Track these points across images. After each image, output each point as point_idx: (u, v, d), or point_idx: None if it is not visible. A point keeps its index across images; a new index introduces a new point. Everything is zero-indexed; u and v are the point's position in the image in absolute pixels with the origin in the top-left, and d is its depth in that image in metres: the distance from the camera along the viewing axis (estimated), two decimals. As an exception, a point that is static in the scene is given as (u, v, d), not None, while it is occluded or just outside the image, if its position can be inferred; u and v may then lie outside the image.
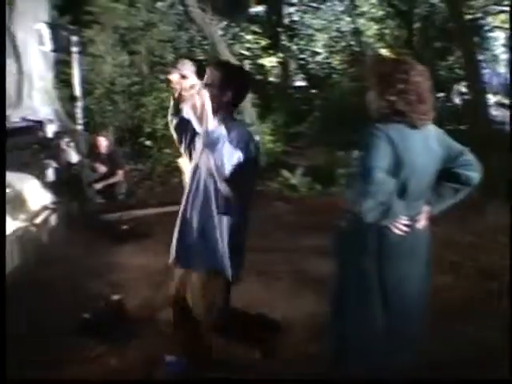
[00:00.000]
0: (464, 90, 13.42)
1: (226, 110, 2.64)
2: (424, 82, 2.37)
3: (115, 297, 3.80)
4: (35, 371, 3.06)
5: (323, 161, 8.64)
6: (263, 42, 15.43)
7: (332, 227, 2.58)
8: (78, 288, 4.17)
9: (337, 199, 6.74)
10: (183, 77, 4.73)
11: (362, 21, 16.90)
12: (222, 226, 2.60)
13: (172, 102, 2.87)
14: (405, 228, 2.34)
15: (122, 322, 3.66)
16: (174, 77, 4.77)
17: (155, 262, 4.80)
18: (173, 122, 2.83)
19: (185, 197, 2.72)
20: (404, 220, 2.33)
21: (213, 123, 2.38)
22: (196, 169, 2.67)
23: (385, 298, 2.41)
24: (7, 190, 4.36)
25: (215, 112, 2.53)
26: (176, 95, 2.76)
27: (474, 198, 6.28)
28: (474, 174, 2.46)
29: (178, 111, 2.79)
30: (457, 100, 14.59)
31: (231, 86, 2.63)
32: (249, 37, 15.89)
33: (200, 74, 2.77)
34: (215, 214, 2.59)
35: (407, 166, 2.29)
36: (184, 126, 2.73)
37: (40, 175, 6.59)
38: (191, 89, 5.10)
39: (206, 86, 2.59)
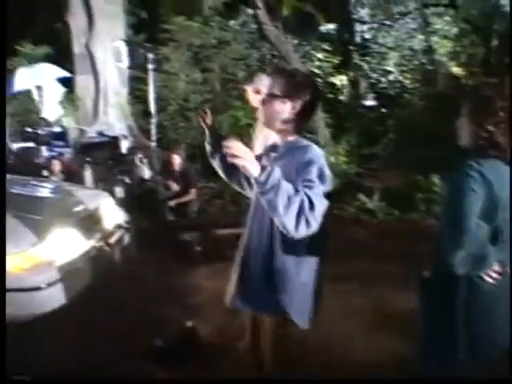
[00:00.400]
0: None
1: (292, 126, 2.26)
2: None
3: (188, 323, 3.63)
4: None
5: (399, 184, 8.26)
6: (334, 61, 15.26)
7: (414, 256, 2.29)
8: (149, 311, 4.03)
9: (416, 225, 6.47)
10: (257, 92, 4.63)
11: (435, 38, 16.38)
12: (289, 266, 2.25)
13: (207, 132, 2.61)
14: (498, 276, 2.05)
15: (194, 350, 3.48)
16: (249, 90, 4.69)
17: (228, 286, 4.65)
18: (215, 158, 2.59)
19: (246, 234, 2.39)
20: (497, 268, 2.04)
21: (257, 170, 1.92)
22: (258, 204, 2.26)
23: (472, 344, 2.14)
24: (82, 207, 4.32)
25: (279, 129, 2.27)
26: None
27: None
28: None
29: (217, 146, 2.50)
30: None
31: (299, 95, 2.23)
32: (319, 55, 15.75)
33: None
34: (281, 254, 2.23)
35: (502, 208, 2.02)
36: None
37: (113, 191, 6.64)
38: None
39: (269, 97, 2.25)
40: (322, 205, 2.02)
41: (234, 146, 1.91)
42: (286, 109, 2.22)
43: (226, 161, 2.06)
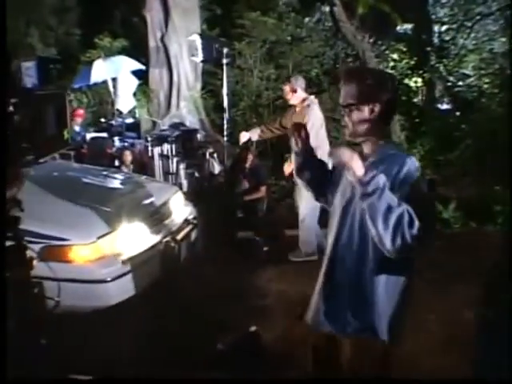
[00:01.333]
0: None
1: (374, 130, 2.09)
2: None
3: (252, 328, 3.50)
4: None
5: (476, 194, 7.82)
6: (410, 62, 14.81)
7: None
8: (213, 311, 3.93)
9: (493, 239, 6.07)
10: (294, 91, 4.85)
11: (517, 41, 15.56)
12: (380, 282, 2.04)
13: (298, 147, 2.40)
14: None
15: (257, 357, 3.34)
16: (286, 88, 4.91)
17: (295, 289, 4.49)
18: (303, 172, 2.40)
19: (331, 243, 2.19)
20: None
21: (363, 169, 1.87)
22: (347, 210, 2.11)
23: None
24: (151, 199, 4.28)
25: (364, 136, 2.10)
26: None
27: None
28: None
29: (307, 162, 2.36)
30: None
31: (378, 97, 2.05)
32: (395, 55, 15.34)
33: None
34: (372, 268, 2.04)
35: None
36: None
37: (183, 184, 6.62)
38: (302, 102, 5.02)
39: (347, 107, 2.08)
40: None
41: (343, 151, 1.91)
42: (365, 115, 2.05)
43: (315, 178, 2.21)
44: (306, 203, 5.29)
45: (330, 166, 2.38)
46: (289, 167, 5.23)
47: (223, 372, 3.19)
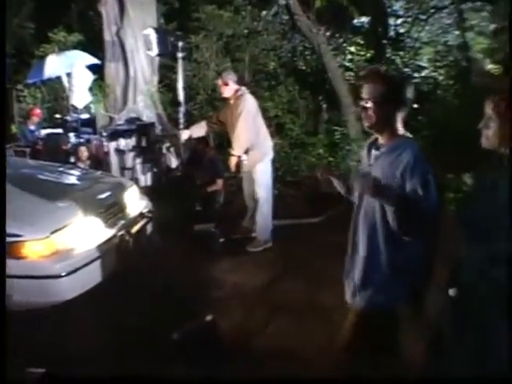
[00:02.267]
0: None
1: (393, 125, 2.39)
2: None
3: (208, 317, 3.54)
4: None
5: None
6: (367, 54, 15.03)
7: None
8: (169, 303, 3.95)
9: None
10: (226, 84, 4.83)
11: (470, 35, 15.97)
12: (389, 259, 2.36)
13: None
14: None
15: (213, 345, 3.38)
16: (219, 83, 5.44)
17: (250, 281, 4.56)
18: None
19: (352, 221, 2.55)
20: None
21: None
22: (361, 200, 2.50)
23: None
24: (106, 194, 4.28)
25: (383, 129, 2.40)
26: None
27: None
28: None
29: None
30: None
31: (395, 97, 2.36)
32: (352, 48, 15.54)
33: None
34: (382, 246, 2.37)
35: None
36: None
37: (139, 179, 6.60)
38: (235, 94, 5.18)
39: (371, 102, 2.35)
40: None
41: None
42: (385, 111, 2.35)
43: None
44: (263, 188, 5.42)
45: None
46: (233, 161, 5.33)
47: (180, 361, 3.24)
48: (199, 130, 5.92)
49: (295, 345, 3.52)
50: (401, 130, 2.41)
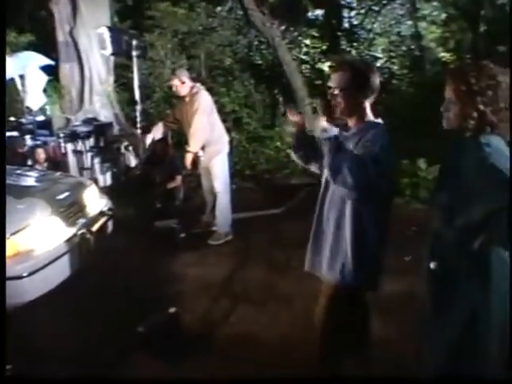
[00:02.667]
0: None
1: (358, 111, 2.54)
2: (507, 87, 2.09)
3: (171, 309, 3.63)
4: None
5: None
6: (322, 47, 15.21)
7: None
8: (133, 298, 4.02)
9: (399, 210, 6.49)
10: (183, 82, 5.19)
11: (423, 24, 16.33)
12: (352, 234, 2.49)
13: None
14: None
15: (177, 337, 3.48)
16: (175, 83, 5.26)
17: (212, 273, 4.67)
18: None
19: (319, 200, 2.69)
20: None
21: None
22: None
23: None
24: (65, 194, 4.31)
25: (351, 115, 2.54)
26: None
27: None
28: None
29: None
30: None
31: (363, 85, 2.50)
32: (307, 41, 15.70)
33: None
34: (347, 222, 2.49)
35: None
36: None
37: (98, 179, 6.61)
38: (191, 91, 5.35)
39: (341, 90, 2.49)
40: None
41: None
42: (354, 98, 2.49)
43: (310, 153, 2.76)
44: (221, 182, 5.53)
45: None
46: (189, 158, 5.42)
47: (145, 353, 3.32)
48: (158, 131, 5.97)
49: (258, 331, 3.64)
50: (369, 114, 2.54)
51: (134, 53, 7.05)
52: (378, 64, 16.71)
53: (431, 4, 15.98)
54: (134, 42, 7.10)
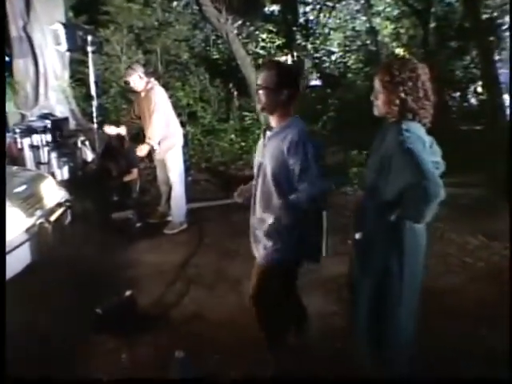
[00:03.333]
0: (480, 90, 13.29)
1: (282, 109, 2.72)
2: (428, 80, 2.42)
3: (127, 292, 3.85)
4: (48, 366, 3.13)
5: (336, 160, 8.63)
6: (278, 41, 15.43)
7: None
8: (90, 284, 4.22)
9: (349, 198, 6.82)
10: (141, 77, 5.47)
11: (377, 20, 16.72)
12: (280, 218, 2.69)
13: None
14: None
15: (133, 317, 3.71)
16: (132, 78, 5.64)
17: (167, 260, 4.90)
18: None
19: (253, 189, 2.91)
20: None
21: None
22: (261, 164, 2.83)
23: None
24: (23, 187, 4.45)
25: (273, 112, 2.72)
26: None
27: (487, 199, 6.30)
28: None
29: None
30: (473, 100, 14.44)
31: (285, 85, 2.68)
32: (264, 36, 15.90)
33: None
34: (275, 208, 2.71)
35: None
36: None
37: (55, 173, 6.72)
38: (146, 86, 5.47)
39: (263, 88, 2.69)
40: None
41: None
42: (276, 96, 2.67)
43: None
44: (175, 173, 5.74)
45: None
46: (141, 150, 5.59)
47: (102, 332, 3.54)
48: (122, 131, 6.07)
49: (208, 311, 3.89)
50: (292, 113, 2.76)
51: (90, 48, 7.11)
52: (334, 58, 17.13)
53: (384, 0, 16.41)
54: (89, 38, 7.15)
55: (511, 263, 4.34)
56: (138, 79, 5.70)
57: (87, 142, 7.78)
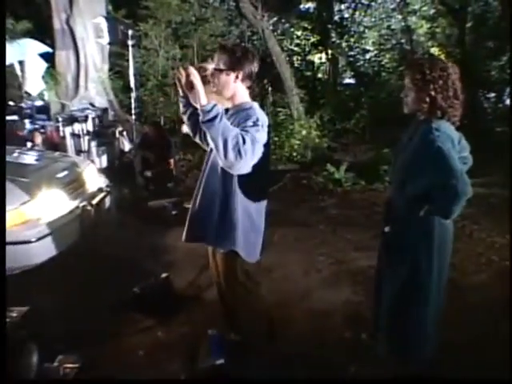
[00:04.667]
0: (516, 91, 13.13)
1: (236, 91, 2.70)
2: (458, 80, 2.47)
3: (164, 274, 4.04)
4: (87, 341, 3.28)
5: (368, 157, 8.70)
6: (313, 39, 15.46)
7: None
8: (129, 266, 4.43)
9: (380, 194, 6.91)
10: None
11: (413, 19, 16.59)
12: (233, 206, 2.67)
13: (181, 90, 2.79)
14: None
15: (169, 297, 3.89)
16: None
17: (200, 246, 5.05)
18: (186, 113, 2.90)
19: (200, 178, 2.86)
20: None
21: (205, 99, 2.40)
22: (211, 152, 2.78)
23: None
24: (66, 172, 4.67)
25: (225, 94, 2.69)
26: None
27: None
28: None
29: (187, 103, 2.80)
30: (508, 101, 14.26)
31: (240, 67, 2.66)
32: (299, 33, 15.95)
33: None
34: (227, 192, 2.67)
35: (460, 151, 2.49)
36: (195, 115, 2.69)
37: (95, 161, 6.97)
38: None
39: (216, 71, 2.65)
40: (254, 144, 2.44)
41: (192, 72, 2.40)
42: (231, 79, 2.66)
43: (193, 116, 2.70)
44: None
45: None
46: None
47: (139, 311, 3.72)
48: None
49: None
50: (244, 97, 2.73)
51: (130, 42, 7.35)
52: (368, 56, 17.09)
53: (421, -1, 16.29)
54: (130, 32, 7.40)
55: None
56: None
57: (125, 133, 8.02)
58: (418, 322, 2.57)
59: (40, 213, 3.90)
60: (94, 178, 4.94)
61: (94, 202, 4.50)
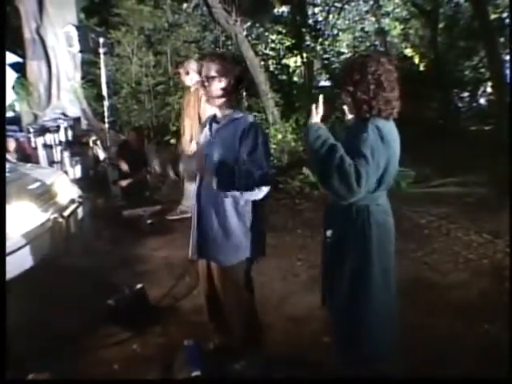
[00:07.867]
0: (489, 90, 13.33)
1: (228, 100, 2.75)
2: (391, 73, 2.39)
3: (138, 285, 3.97)
4: (60, 356, 3.22)
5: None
6: (288, 43, 15.48)
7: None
8: (103, 277, 4.35)
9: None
10: (187, 73, 5.39)
11: (386, 21, 16.76)
12: (234, 215, 2.74)
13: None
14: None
15: (144, 309, 3.83)
16: (180, 72, 5.40)
17: (176, 254, 5.01)
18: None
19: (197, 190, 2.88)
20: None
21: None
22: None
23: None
24: (37, 184, 4.58)
25: (217, 104, 2.75)
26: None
27: (492, 198, 6.36)
28: None
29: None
30: (482, 100, 14.46)
31: (230, 74, 2.69)
32: (273, 37, 15.97)
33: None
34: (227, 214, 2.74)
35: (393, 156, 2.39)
36: None
37: (68, 172, 6.88)
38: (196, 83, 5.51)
39: (207, 78, 2.69)
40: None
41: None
42: (221, 86, 2.69)
43: None
44: None
45: None
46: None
47: (114, 324, 3.65)
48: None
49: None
50: (235, 104, 2.81)
51: (102, 50, 7.29)
52: (342, 59, 17.14)
53: (393, 1, 16.42)
54: (101, 40, 7.34)
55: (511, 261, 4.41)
56: (186, 74, 5.79)
57: (99, 142, 7.93)
58: (367, 323, 2.48)
59: (10, 226, 3.80)
60: (65, 189, 4.85)
61: (66, 213, 4.41)
